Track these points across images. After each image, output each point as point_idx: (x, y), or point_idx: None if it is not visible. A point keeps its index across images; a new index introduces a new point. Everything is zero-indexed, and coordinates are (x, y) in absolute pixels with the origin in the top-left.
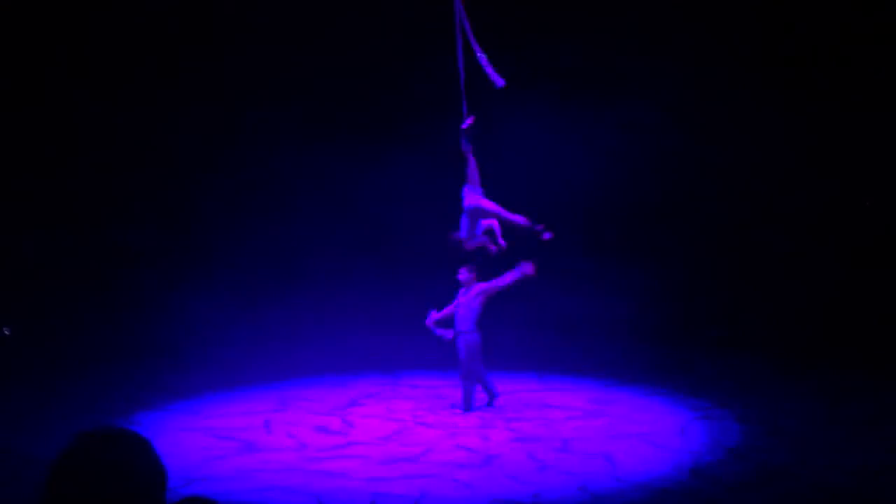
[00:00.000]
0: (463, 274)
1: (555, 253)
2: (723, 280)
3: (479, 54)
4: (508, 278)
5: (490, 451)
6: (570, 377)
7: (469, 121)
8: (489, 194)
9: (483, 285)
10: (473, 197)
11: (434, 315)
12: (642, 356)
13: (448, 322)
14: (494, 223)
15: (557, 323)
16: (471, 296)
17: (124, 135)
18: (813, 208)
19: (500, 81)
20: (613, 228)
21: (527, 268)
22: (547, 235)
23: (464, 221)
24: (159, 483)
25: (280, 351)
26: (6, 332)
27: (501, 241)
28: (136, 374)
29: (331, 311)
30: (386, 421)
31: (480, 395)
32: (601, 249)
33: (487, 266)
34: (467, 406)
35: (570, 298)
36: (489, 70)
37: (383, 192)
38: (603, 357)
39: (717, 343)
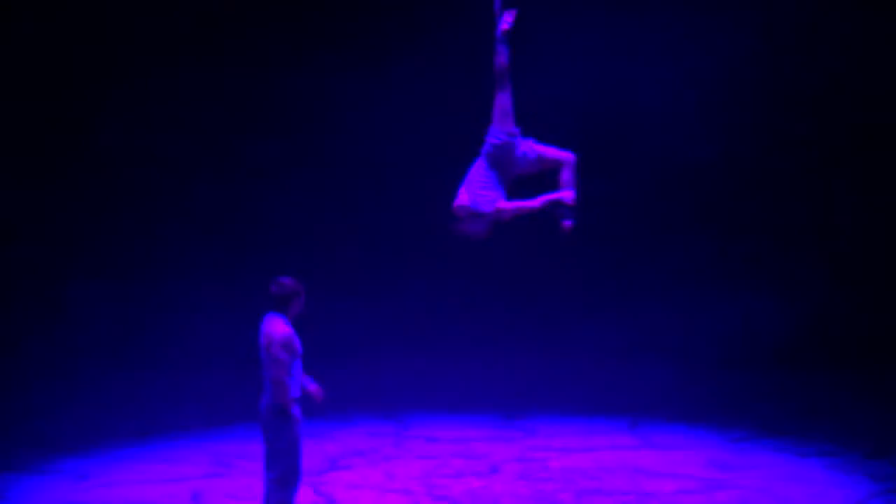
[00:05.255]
0: (278, 287)
1: (653, 241)
2: None
3: None
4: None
5: None
6: (679, 426)
7: (508, 18)
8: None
9: (279, 332)
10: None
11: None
12: (791, 394)
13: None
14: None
15: (659, 346)
16: (262, 337)
17: None
18: None
19: None
20: (738, 200)
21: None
22: (567, 223)
23: (478, 180)
24: None
25: (219, 381)
26: None
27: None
28: None
29: (301, 321)
30: (385, 493)
31: None
32: (720, 231)
33: None
34: None
35: (675, 309)
36: None
37: (375, 140)
38: (728, 396)
39: None
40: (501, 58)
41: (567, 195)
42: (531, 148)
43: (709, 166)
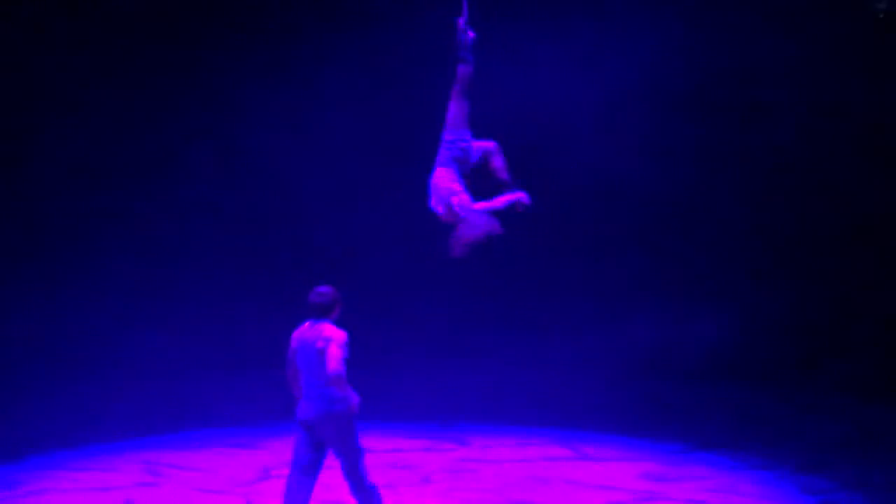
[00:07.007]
0: (319, 296)
1: (587, 252)
2: (860, 290)
3: None
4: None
5: None
6: (613, 437)
7: (470, 33)
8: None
9: (340, 333)
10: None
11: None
12: (726, 406)
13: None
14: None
15: (594, 358)
16: (317, 342)
17: None
18: None
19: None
20: (672, 214)
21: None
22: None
23: (448, 187)
24: None
25: (152, 384)
26: None
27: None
28: None
29: (234, 321)
30: None
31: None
32: (654, 244)
33: None
34: None
35: (610, 322)
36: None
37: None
38: (663, 407)
39: (844, 386)
40: (464, 68)
41: (521, 195)
42: (477, 147)
43: (642, 181)
